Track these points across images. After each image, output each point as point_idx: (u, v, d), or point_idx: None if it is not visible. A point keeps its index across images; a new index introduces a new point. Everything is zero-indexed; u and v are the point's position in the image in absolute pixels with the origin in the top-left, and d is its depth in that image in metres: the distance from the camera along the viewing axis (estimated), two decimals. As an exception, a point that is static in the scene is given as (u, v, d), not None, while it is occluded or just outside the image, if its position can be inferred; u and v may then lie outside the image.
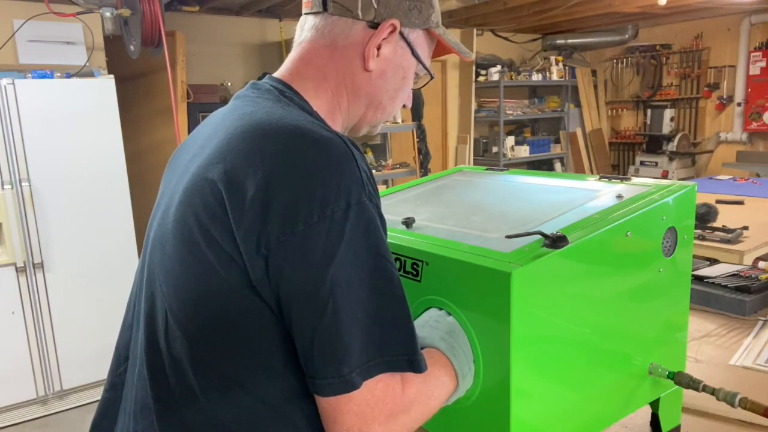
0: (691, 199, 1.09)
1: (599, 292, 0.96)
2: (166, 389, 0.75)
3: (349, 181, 0.69)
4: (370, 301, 0.68)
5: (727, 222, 2.33)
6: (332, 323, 0.66)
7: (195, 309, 0.73)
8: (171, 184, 0.84)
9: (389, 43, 0.85)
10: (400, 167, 5.49)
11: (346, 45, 0.84)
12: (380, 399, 0.69)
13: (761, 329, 1.65)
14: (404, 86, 0.91)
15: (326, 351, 0.67)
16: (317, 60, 0.85)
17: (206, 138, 0.81)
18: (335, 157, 0.70)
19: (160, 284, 0.77)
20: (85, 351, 3.47)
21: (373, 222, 0.70)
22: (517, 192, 1.32)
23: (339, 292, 0.66)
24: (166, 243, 0.77)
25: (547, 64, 7.07)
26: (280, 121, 0.74)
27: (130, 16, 3.34)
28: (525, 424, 0.87)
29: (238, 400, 0.72)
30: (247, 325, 0.71)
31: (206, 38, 5.08)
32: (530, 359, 0.86)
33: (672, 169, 6.65)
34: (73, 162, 3.37)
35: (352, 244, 0.67)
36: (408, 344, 0.72)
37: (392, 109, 0.92)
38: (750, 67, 6.25)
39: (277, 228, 0.67)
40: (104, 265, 3.49)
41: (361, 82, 0.86)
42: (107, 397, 0.89)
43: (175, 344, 0.74)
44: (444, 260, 0.92)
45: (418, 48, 0.89)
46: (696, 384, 1.04)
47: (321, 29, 0.86)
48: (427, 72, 0.92)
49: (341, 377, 0.67)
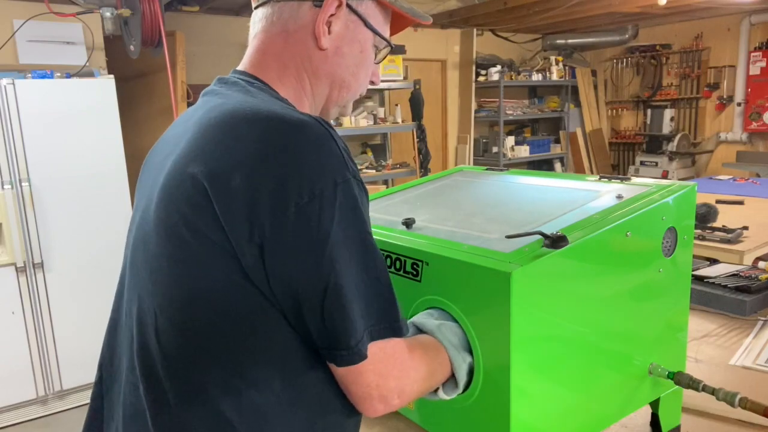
0: (691, 199, 1.09)
1: (599, 292, 0.96)
2: (161, 392, 0.74)
3: (332, 160, 0.70)
4: (363, 275, 0.72)
5: (727, 222, 2.33)
6: (337, 299, 0.69)
7: (187, 304, 0.72)
8: (147, 187, 0.84)
9: (339, 18, 0.85)
10: (400, 167, 5.49)
11: (297, 28, 0.85)
12: (391, 356, 0.75)
13: (761, 329, 1.65)
14: (364, 60, 0.90)
15: (335, 325, 0.70)
16: (273, 48, 0.86)
17: (178, 136, 0.80)
18: (315, 138, 0.71)
19: (146, 285, 0.77)
20: (85, 351, 3.46)
21: (359, 199, 0.73)
22: (517, 192, 1.32)
23: (338, 268, 0.69)
24: (149, 242, 0.76)
25: (547, 64, 7.07)
26: (254, 108, 0.74)
27: (130, 16, 3.34)
28: (525, 424, 0.87)
29: (240, 395, 0.72)
30: (242, 315, 0.71)
31: (206, 38, 5.09)
32: (530, 359, 0.86)
33: (672, 169, 6.65)
34: (73, 162, 3.37)
35: (342, 221, 0.69)
36: (395, 312, 0.76)
37: (357, 86, 0.91)
38: (750, 67, 6.25)
39: (268, 213, 0.67)
40: (104, 264, 3.49)
41: (318, 63, 0.86)
42: (91, 407, 0.89)
43: (168, 344, 0.74)
44: (444, 260, 0.92)
45: (370, 19, 0.88)
46: (696, 384, 1.04)
47: (270, 17, 0.86)
48: (387, 43, 0.91)
49: (350, 349, 0.71)
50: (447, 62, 6.76)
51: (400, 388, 0.76)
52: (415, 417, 1.07)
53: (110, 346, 0.88)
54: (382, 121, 5.39)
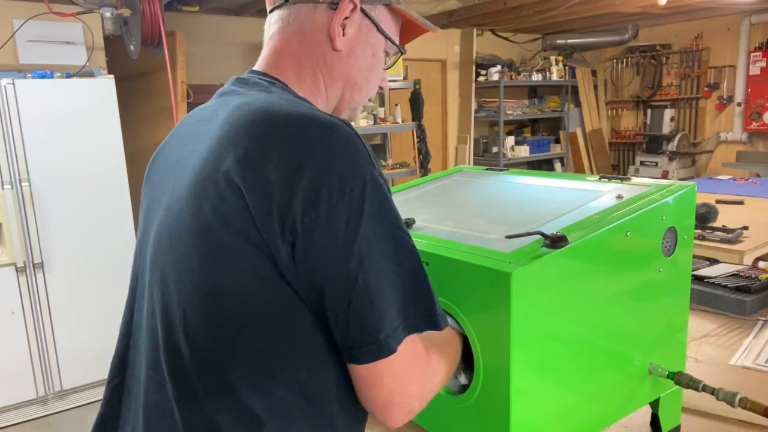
0: (691, 199, 1.09)
1: (599, 292, 0.96)
2: (190, 388, 0.75)
3: (360, 159, 0.72)
4: (394, 270, 0.72)
5: (727, 222, 2.33)
6: (364, 295, 0.70)
7: (220, 301, 0.73)
8: (162, 187, 0.84)
9: (353, 21, 0.87)
10: (400, 167, 5.49)
11: (312, 29, 0.87)
12: (411, 360, 0.74)
13: (761, 329, 1.65)
14: (376, 64, 0.93)
15: (362, 322, 0.70)
16: (290, 49, 0.88)
17: (200, 135, 0.81)
18: (344, 138, 0.73)
19: (174, 283, 0.77)
20: (85, 351, 3.47)
21: (387, 195, 0.74)
22: (517, 192, 1.33)
23: (367, 265, 0.70)
24: (176, 241, 0.77)
25: (547, 64, 7.07)
26: (282, 108, 0.75)
27: (130, 16, 3.35)
28: (525, 424, 0.87)
29: (268, 390, 0.73)
30: (275, 313, 0.72)
31: (206, 38, 5.09)
32: (530, 359, 0.86)
33: (672, 169, 6.64)
34: (73, 162, 3.37)
35: (371, 218, 0.71)
36: (430, 305, 0.76)
37: (368, 90, 0.94)
38: (750, 67, 6.25)
39: (299, 211, 0.69)
40: (104, 264, 3.49)
41: (333, 63, 0.88)
42: (102, 411, 0.89)
43: (198, 341, 0.74)
44: (444, 260, 0.92)
45: (382, 24, 0.91)
46: (696, 384, 1.04)
47: (286, 19, 0.88)
48: (397, 48, 0.94)
49: (378, 343, 0.71)
50: (447, 62, 6.76)
51: (421, 394, 0.76)
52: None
53: (127, 348, 0.88)
54: (382, 121, 5.38)
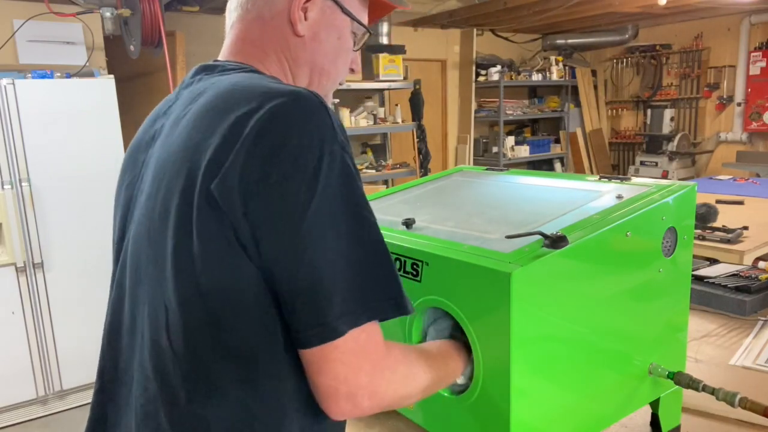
0: (691, 199, 1.09)
1: (599, 292, 0.96)
2: (175, 390, 0.72)
3: (321, 131, 0.68)
4: (350, 250, 0.68)
5: (727, 222, 2.33)
6: (311, 274, 0.66)
7: (196, 290, 0.69)
8: (135, 186, 0.82)
9: (314, 4, 0.84)
10: (400, 167, 5.48)
11: (273, 15, 0.84)
12: (364, 348, 0.68)
13: (761, 329, 1.65)
14: (343, 47, 0.89)
15: (307, 303, 0.66)
16: (251, 36, 0.85)
17: (170, 126, 0.79)
18: (306, 108, 0.69)
19: (154, 281, 0.74)
20: (85, 351, 3.46)
21: (347, 170, 0.69)
22: (517, 192, 1.33)
23: (316, 243, 0.66)
24: (152, 238, 0.74)
25: (547, 64, 7.07)
26: (247, 85, 0.73)
27: (130, 16, 3.35)
28: (525, 424, 0.87)
29: (255, 386, 0.70)
30: (250, 305, 0.69)
31: (206, 38, 5.08)
32: (530, 359, 0.86)
33: (672, 169, 6.64)
34: (73, 162, 3.37)
35: (326, 193, 0.66)
36: (391, 288, 0.71)
37: (337, 74, 0.90)
38: (750, 67, 6.25)
39: (252, 182, 0.66)
40: (104, 264, 3.48)
41: (297, 50, 0.85)
42: (91, 416, 0.86)
43: (181, 339, 0.71)
44: (444, 260, 0.92)
45: (347, 4, 0.87)
46: (696, 384, 1.04)
47: (245, 5, 0.85)
48: (365, 29, 0.90)
49: (324, 326, 0.66)
50: (447, 62, 6.76)
51: (372, 389, 0.69)
52: (415, 417, 1.07)
53: (112, 351, 0.85)
54: (382, 121, 5.39)
